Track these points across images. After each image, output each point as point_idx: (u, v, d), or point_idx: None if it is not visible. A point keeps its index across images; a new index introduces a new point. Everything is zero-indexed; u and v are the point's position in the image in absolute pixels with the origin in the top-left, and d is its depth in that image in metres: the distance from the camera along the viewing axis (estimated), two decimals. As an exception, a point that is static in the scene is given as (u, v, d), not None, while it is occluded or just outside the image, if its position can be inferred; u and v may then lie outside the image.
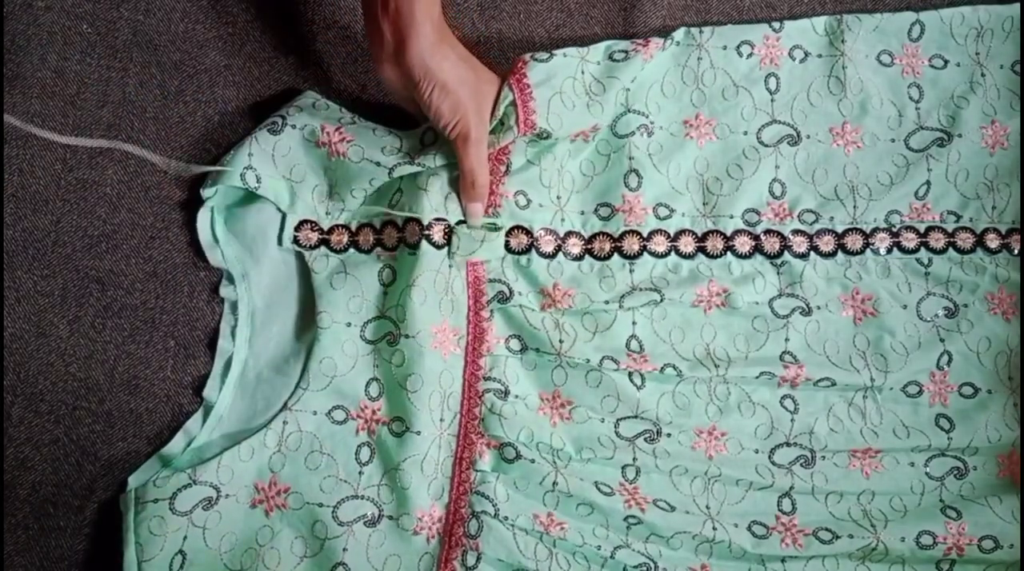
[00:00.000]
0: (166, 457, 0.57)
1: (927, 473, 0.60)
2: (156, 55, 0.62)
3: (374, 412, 0.57)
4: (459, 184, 0.57)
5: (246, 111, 0.62)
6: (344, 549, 0.54)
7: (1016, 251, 0.63)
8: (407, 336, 0.56)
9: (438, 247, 0.57)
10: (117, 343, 0.58)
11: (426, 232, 0.56)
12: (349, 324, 0.57)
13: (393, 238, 0.58)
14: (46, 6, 0.61)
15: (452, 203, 0.58)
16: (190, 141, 0.61)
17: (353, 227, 0.59)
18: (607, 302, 0.60)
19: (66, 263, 0.58)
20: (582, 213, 0.61)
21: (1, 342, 0.57)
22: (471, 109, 0.55)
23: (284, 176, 0.57)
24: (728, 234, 0.62)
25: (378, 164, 0.57)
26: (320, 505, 0.55)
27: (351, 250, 0.58)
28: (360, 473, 0.56)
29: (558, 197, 0.61)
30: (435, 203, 0.57)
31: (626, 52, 0.60)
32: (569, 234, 0.60)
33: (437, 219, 0.57)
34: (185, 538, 0.53)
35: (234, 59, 0.62)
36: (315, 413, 0.56)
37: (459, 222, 0.58)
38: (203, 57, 0.62)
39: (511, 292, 0.58)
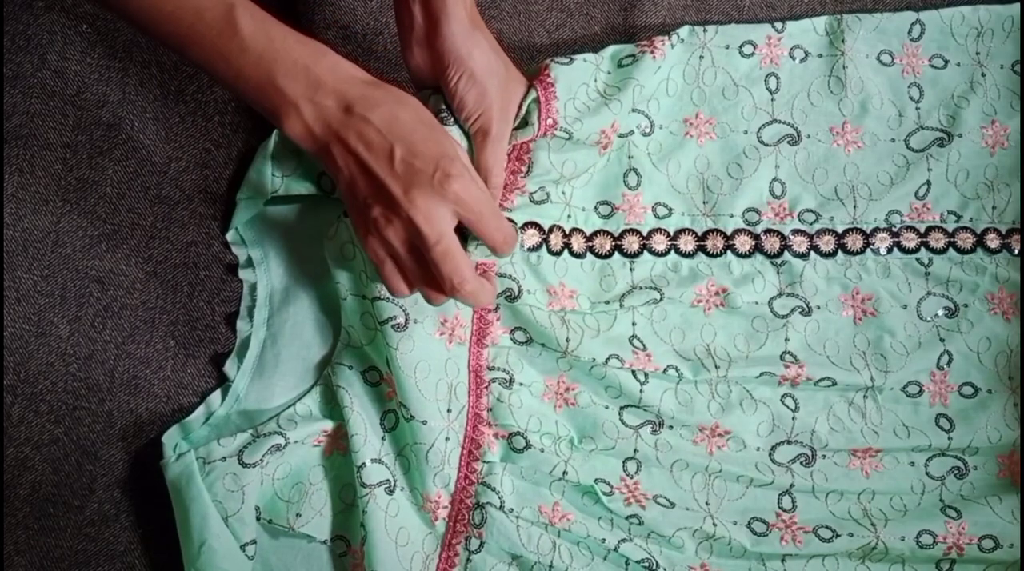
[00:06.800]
0: (188, 427, 0.57)
1: (927, 473, 0.60)
2: (156, 55, 0.62)
3: (394, 386, 0.56)
4: None
5: (246, 111, 0.62)
6: (364, 511, 0.53)
7: (1016, 251, 0.63)
8: (416, 321, 0.54)
9: None
10: (117, 343, 0.58)
11: None
12: (364, 297, 0.56)
13: None
14: (46, 6, 0.61)
15: None
16: (190, 141, 0.61)
17: None
18: (607, 302, 0.60)
19: (66, 263, 0.58)
20: (583, 209, 0.61)
21: (1, 342, 0.57)
22: (496, 104, 0.52)
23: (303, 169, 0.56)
24: (728, 233, 0.62)
25: None
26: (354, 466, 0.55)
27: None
28: (383, 439, 0.55)
29: (564, 192, 0.60)
30: None
31: (633, 56, 0.60)
32: (574, 231, 0.60)
33: None
34: (262, 483, 0.53)
35: (234, 59, 0.62)
36: (351, 368, 0.56)
37: None
38: (203, 57, 0.62)
39: (520, 290, 0.57)
